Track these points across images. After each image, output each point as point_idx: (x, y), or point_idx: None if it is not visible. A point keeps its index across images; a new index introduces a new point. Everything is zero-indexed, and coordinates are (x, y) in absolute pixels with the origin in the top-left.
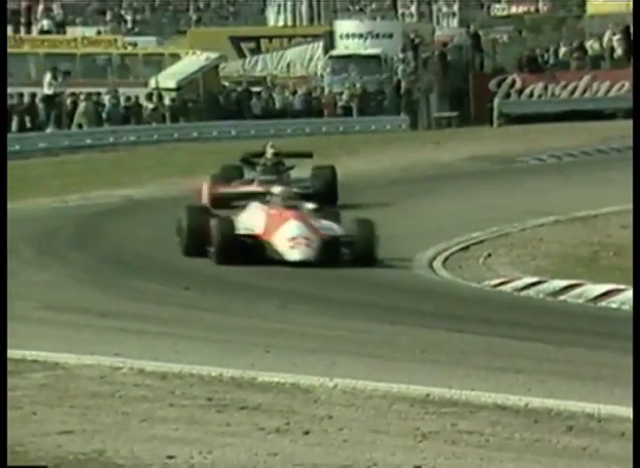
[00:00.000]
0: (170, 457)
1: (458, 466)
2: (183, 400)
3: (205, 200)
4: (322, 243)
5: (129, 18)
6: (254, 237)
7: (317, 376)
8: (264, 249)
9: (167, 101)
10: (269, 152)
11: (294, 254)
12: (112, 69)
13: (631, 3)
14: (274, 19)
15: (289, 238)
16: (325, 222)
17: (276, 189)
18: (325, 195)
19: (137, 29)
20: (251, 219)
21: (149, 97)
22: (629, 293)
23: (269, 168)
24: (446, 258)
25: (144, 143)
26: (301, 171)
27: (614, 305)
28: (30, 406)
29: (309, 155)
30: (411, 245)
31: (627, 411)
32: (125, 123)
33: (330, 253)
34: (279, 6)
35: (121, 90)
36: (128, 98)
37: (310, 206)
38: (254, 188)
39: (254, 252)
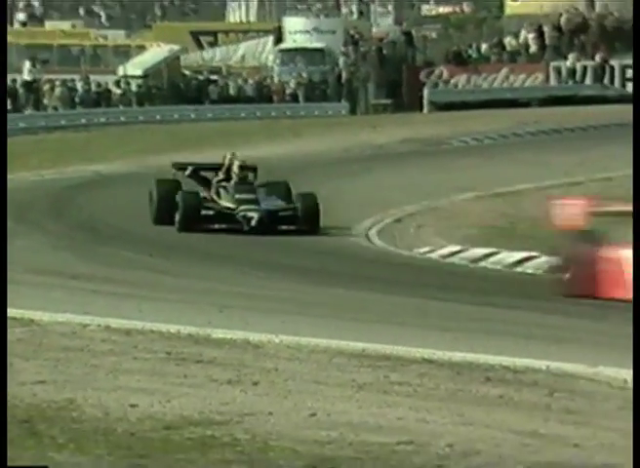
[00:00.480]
0: (132, 406)
1: (389, 414)
2: (145, 354)
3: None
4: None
5: (101, 13)
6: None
7: (266, 333)
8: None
9: (134, 88)
10: (235, 165)
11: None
12: (85, 59)
13: (544, 6)
14: (232, 15)
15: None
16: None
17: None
18: (309, 220)
19: (107, 23)
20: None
21: (118, 83)
22: (542, 260)
23: (244, 187)
24: (381, 229)
25: (113, 124)
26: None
27: (528, 270)
28: (8, 358)
29: (254, 169)
30: (350, 216)
31: (539, 363)
32: (96, 106)
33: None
34: (236, 4)
35: (92, 77)
36: (99, 85)
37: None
38: None
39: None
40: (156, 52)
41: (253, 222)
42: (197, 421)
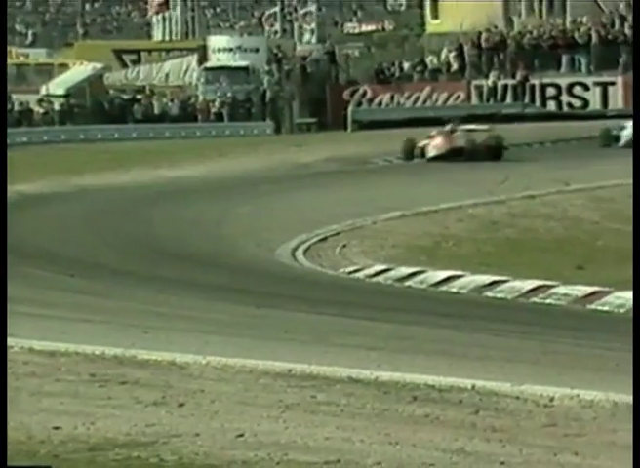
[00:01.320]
0: (56, 428)
1: (316, 433)
2: (69, 376)
3: None
4: None
5: (22, 31)
6: None
7: (191, 354)
8: None
9: (56, 107)
10: None
11: None
12: (7, 77)
13: (464, 24)
14: (156, 33)
15: None
16: None
17: None
18: None
19: (28, 42)
20: None
21: (40, 102)
22: (467, 279)
23: None
24: (307, 248)
25: (35, 144)
26: None
27: (453, 289)
28: None
29: None
30: (275, 236)
31: (464, 382)
32: (18, 126)
33: None
34: (158, 21)
35: (14, 96)
36: (21, 104)
37: None
38: None
39: None
40: (79, 70)
41: None
42: (122, 443)
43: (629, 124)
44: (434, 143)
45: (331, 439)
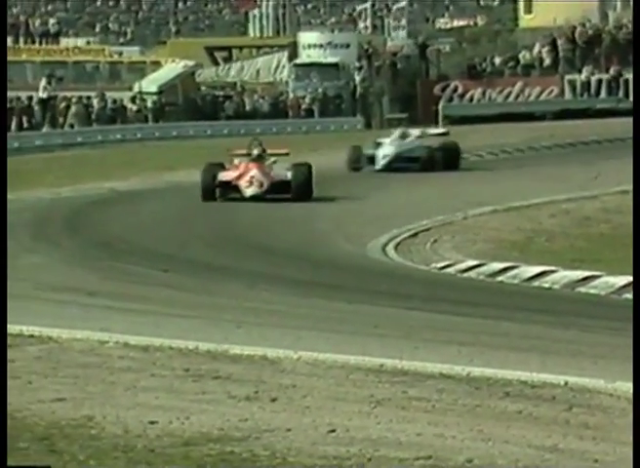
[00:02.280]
0: (152, 422)
1: (408, 429)
2: (163, 370)
3: None
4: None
5: (116, 29)
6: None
7: (283, 349)
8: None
9: (149, 104)
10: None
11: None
12: (100, 75)
13: (557, 18)
14: (249, 30)
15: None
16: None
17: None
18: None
19: (122, 40)
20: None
21: (133, 99)
22: (559, 274)
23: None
24: (397, 244)
25: (129, 141)
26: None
27: (546, 285)
28: (27, 375)
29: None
30: (367, 231)
31: (557, 378)
32: (112, 123)
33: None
34: (248, 19)
35: (108, 94)
36: (114, 101)
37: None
38: None
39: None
40: (171, 68)
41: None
42: (216, 438)
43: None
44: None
45: (422, 435)
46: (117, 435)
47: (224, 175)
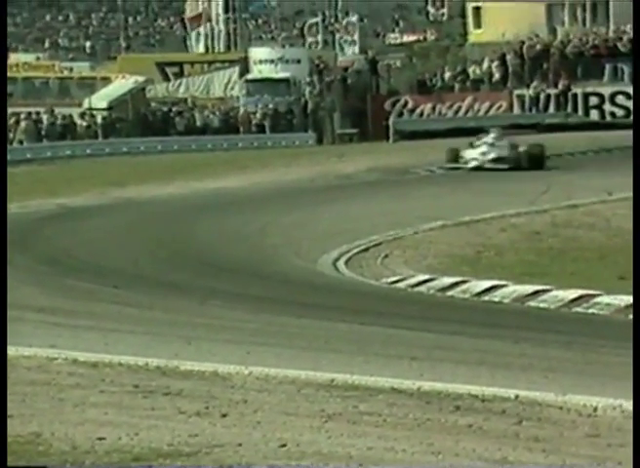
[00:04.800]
0: (100, 438)
1: (359, 443)
2: (113, 387)
3: None
4: None
5: (66, 45)
6: None
7: (233, 365)
8: None
9: (99, 120)
10: None
11: None
12: (50, 91)
13: (506, 33)
14: (195, 46)
15: None
16: None
17: None
18: None
19: (72, 55)
20: None
21: (83, 115)
22: (509, 289)
23: None
24: (348, 259)
25: (79, 157)
26: None
27: (495, 299)
28: None
29: None
30: (317, 246)
31: (507, 392)
32: (61, 139)
33: None
34: (199, 34)
35: (58, 109)
36: (64, 117)
37: None
38: None
39: None
40: (121, 84)
41: None
42: (166, 453)
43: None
44: None
45: (373, 449)
46: (65, 451)
47: None
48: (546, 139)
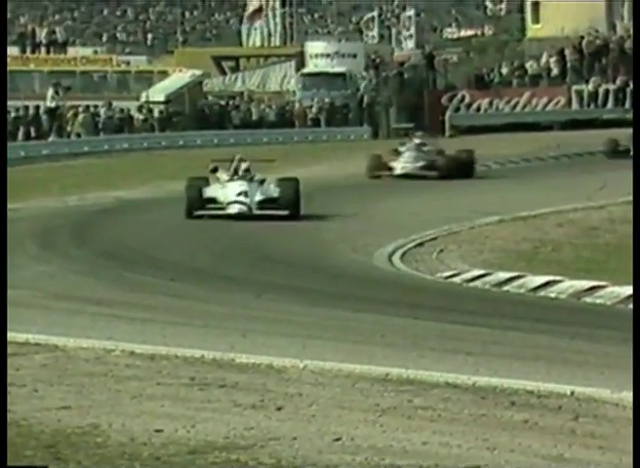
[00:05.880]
0: (157, 431)
1: (413, 438)
2: (169, 379)
3: None
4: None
5: (124, 39)
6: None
7: (289, 358)
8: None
9: (156, 113)
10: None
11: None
12: (108, 85)
13: (565, 28)
14: (253, 40)
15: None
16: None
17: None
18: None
19: (129, 49)
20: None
21: (140, 109)
22: (565, 284)
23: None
24: (403, 253)
25: (135, 150)
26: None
27: (551, 295)
28: (33, 384)
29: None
30: (372, 241)
31: (563, 388)
32: (118, 132)
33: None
34: (255, 29)
35: (115, 103)
36: (121, 111)
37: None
38: None
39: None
40: (178, 77)
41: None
42: (222, 446)
43: None
44: None
45: (428, 444)
46: (123, 443)
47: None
48: (605, 135)
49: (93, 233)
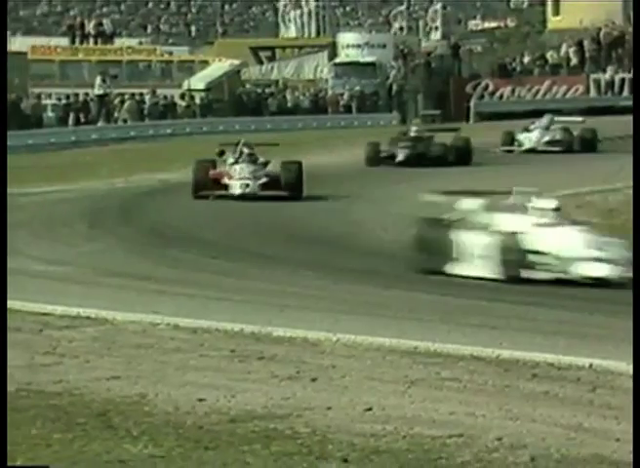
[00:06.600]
0: (200, 400)
1: (440, 408)
2: (211, 351)
3: None
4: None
5: (167, 30)
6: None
7: (323, 332)
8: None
9: (197, 100)
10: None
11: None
12: (152, 73)
13: (583, 20)
14: (287, 32)
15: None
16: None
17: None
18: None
19: (172, 40)
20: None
21: (183, 96)
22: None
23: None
24: None
25: (179, 135)
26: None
27: None
28: (84, 355)
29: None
30: (402, 221)
31: (582, 361)
32: (162, 118)
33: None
34: (290, 21)
35: (159, 90)
36: (165, 98)
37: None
38: None
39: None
40: (218, 66)
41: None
42: (260, 415)
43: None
44: None
45: (454, 414)
46: (168, 412)
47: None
48: (622, 121)
49: (139, 213)
